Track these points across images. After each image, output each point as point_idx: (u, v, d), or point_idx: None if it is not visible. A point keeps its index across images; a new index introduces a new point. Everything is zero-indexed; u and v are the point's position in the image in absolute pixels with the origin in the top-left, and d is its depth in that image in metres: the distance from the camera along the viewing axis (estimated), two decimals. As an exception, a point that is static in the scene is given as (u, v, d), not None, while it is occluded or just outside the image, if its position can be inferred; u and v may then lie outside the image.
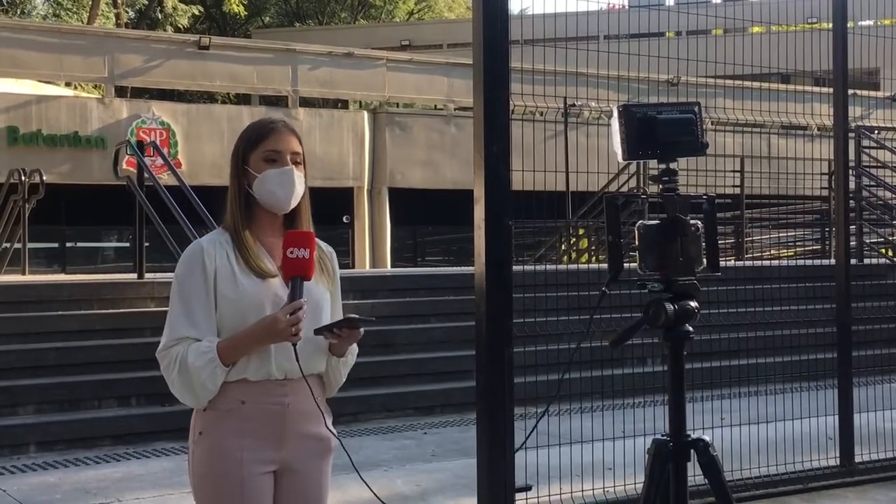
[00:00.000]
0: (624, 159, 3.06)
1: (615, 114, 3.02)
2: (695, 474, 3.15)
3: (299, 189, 2.87)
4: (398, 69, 23.82)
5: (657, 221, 3.01)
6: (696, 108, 3.03)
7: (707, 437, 3.11)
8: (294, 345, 2.73)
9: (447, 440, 7.84)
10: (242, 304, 2.77)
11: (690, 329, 3.02)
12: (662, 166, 3.05)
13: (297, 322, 2.69)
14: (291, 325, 2.69)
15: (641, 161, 3.21)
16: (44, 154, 18.64)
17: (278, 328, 2.69)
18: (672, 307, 2.95)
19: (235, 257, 2.81)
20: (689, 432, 3.10)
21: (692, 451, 3.07)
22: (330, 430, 2.87)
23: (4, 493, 6.36)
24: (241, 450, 2.77)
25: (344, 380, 2.98)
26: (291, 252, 2.74)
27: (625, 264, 3.07)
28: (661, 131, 2.98)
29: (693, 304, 3.00)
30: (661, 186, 3.04)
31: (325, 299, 2.90)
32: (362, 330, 2.82)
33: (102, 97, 21.51)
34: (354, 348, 2.95)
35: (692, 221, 3.01)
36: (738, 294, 7.66)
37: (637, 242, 3.01)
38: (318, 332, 2.78)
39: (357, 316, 2.80)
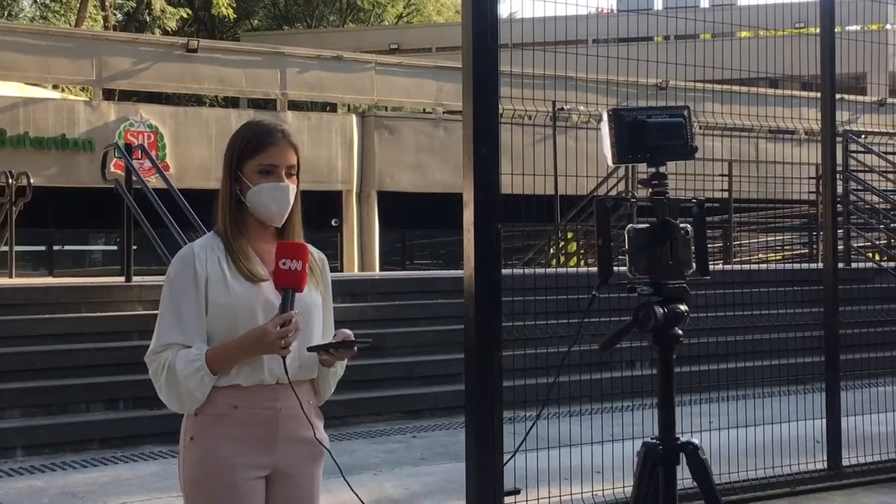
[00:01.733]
0: (614, 163, 3.06)
1: (605, 118, 3.02)
2: (683, 477, 3.15)
3: (293, 204, 2.86)
4: (387, 72, 23.82)
5: (647, 225, 3.02)
6: (686, 112, 3.04)
7: (696, 441, 3.12)
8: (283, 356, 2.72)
9: (436, 444, 7.83)
10: (234, 310, 2.76)
11: (680, 332, 3.03)
12: (652, 170, 3.06)
13: (287, 335, 2.68)
14: (280, 338, 2.67)
15: (631, 165, 3.23)
16: (31, 157, 18.58)
17: (267, 340, 2.68)
18: (662, 311, 2.96)
19: (227, 262, 2.80)
20: (678, 435, 3.10)
21: (682, 454, 3.08)
22: (318, 441, 2.86)
23: (-9, 497, 6.34)
24: (233, 455, 2.76)
25: (333, 389, 2.98)
26: (284, 263, 2.72)
27: (614, 268, 3.07)
28: (650, 135, 2.99)
29: (683, 307, 3.00)
30: (650, 190, 3.05)
31: (316, 306, 2.89)
32: (356, 349, 2.80)
33: (90, 100, 21.45)
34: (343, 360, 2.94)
35: (682, 225, 3.01)
36: (725, 298, 7.68)
37: (627, 246, 3.02)
38: (311, 349, 2.78)
39: (353, 339, 2.79)
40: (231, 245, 2.81)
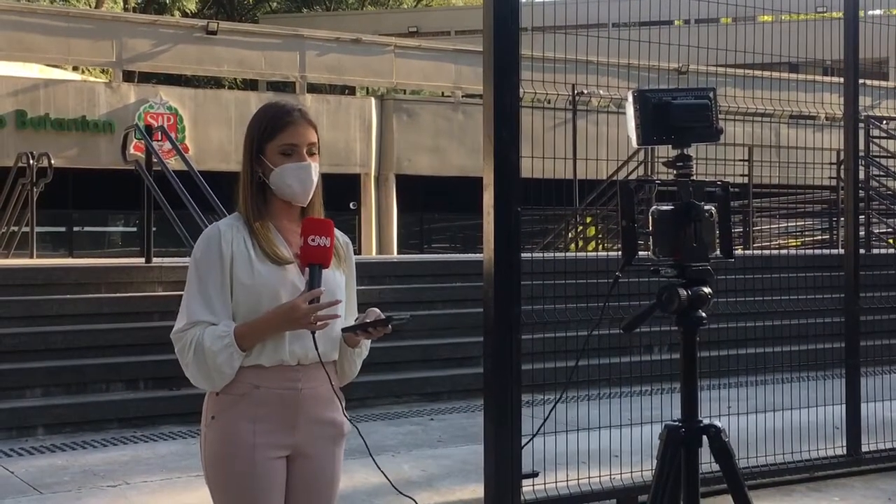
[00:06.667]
0: (638, 144, 3.05)
1: (630, 99, 3.01)
2: (702, 461, 3.14)
3: (316, 182, 2.87)
4: (406, 56, 23.77)
5: (671, 207, 3.00)
6: (711, 94, 3.02)
7: (719, 423, 3.11)
8: (313, 332, 2.73)
9: (454, 426, 7.85)
10: (257, 290, 2.77)
11: (703, 315, 3.01)
12: (676, 152, 3.04)
13: (317, 310, 2.68)
14: (310, 313, 2.68)
15: (652, 148, 3.22)
16: (52, 138, 18.65)
17: (297, 315, 2.69)
18: (685, 293, 2.95)
19: (252, 243, 2.81)
20: (700, 419, 3.09)
21: (704, 436, 3.07)
22: (345, 416, 2.87)
23: (13, 474, 6.39)
24: (254, 434, 2.77)
25: (358, 370, 2.98)
26: (313, 240, 2.72)
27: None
28: (675, 116, 2.97)
29: (706, 290, 2.99)
30: (674, 172, 3.03)
31: (340, 287, 2.89)
32: (390, 327, 2.79)
33: (110, 81, 21.51)
34: (368, 340, 2.94)
35: (706, 207, 3.00)
36: (745, 283, 7.65)
37: (651, 228, 3.01)
38: (346, 330, 2.79)
39: (391, 315, 2.77)
40: (254, 228, 2.82)
